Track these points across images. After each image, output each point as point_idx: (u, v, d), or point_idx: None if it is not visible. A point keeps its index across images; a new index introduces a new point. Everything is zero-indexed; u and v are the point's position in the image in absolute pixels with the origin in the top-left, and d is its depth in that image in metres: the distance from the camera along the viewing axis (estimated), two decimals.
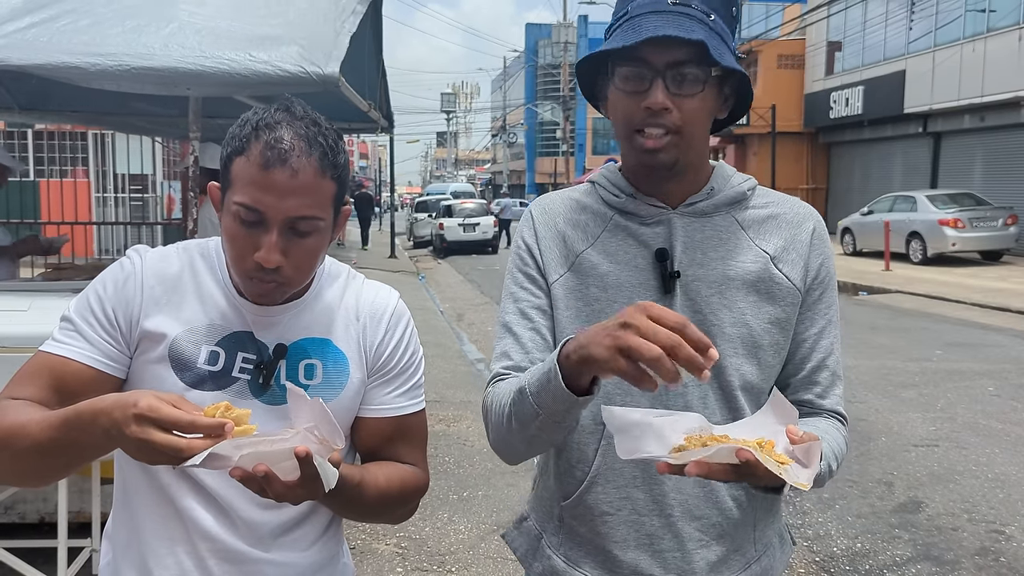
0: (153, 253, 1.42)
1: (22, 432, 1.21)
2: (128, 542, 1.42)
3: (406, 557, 4.32)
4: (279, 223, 1.27)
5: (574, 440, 1.47)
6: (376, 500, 1.38)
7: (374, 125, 6.32)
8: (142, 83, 3.62)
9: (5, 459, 1.24)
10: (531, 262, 1.51)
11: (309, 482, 1.13)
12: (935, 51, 23.42)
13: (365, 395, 1.46)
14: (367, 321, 1.47)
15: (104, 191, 12.55)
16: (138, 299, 1.36)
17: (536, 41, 58.99)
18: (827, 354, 1.50)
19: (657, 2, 1.35)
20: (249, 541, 1.39)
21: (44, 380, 1.31)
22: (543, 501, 1.58)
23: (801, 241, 1.48)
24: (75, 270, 5.38)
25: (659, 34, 1.30)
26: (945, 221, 18.42)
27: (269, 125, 1.28)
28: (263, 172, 1.25)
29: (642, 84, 1.35)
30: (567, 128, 47.27)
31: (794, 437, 1.17)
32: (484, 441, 6.25)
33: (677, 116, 1.35)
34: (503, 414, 1.36)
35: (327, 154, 1.29)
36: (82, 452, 1.20)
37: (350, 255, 19.85)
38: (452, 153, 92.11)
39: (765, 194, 1.53)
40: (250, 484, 1.13)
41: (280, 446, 1.10)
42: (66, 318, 1.36)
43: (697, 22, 1.34)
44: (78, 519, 3.81)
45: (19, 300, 3.38)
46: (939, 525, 4.85)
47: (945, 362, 9.11)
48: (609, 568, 1.48)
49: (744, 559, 1.50)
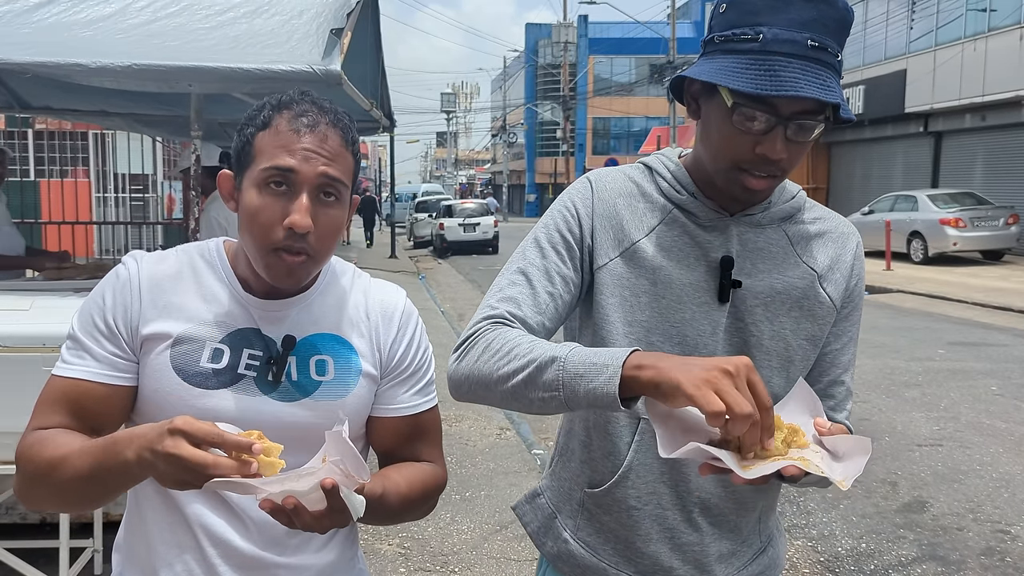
0: (149, 257, 1.40)
1: (63, 464, 1.23)
2: (138, 551, 1.40)
3: (409, 557, 4.30)
4: (310, 185, 1.28)
5: (607, 431, 1.46)
6: (400, 505, 1.37)
7: (375, 124, 6.30)
8: (143, 80, 3.60)
9: (48, 490, 1.27)
10: (576, 232, 1.44)
11: (336, 513, 1.14)
12: (936, 50, 23.41)
13: (380, 395, 1.45)
14: (378, 319, 1.45)
15: (104, 191, 12.53)
16: (136, 304, 1.34)
17: (536, 41, 58.97)
18: (845, 369, 1.53)
19: (796, 41, 1.26)
20: (261, 544, 1.37)
21: (62, 406, 1.31)
22: (562, 482, 1.57)
23: (845, 261, 1.49)
24: (76, 269, 5.36)
25: (802, 95, 1.23)
26: (946, 220, 18.42)
27: (294, 100, 1.33)
28: (294, 136, 1.29)
29: (759, 123, 1.29)
30: (567, 128, 47.28)
31: (822, 430, 1.19)
32: (486, 441, 6.27)
33: (786, 162, 1.32)
34: (506, 360, 1.28)
35: (349, 129, 1.35)
36: (119, 480, 1.20)
37: (351, 255, 19.85)
38: (452, 153, 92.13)
39: (812, 208, 1.52)
40: (279, 516, 1.14)
41: (308, 479, 1.12)
42: (72, 336, 1.35)
43: (831, 72, 1.28)
44: (79, 520, 3.80)
45: (21, 299, 3.36)
46: (944, 525, 4.82)
47: (948, 361, 9.10)
48: (628, 558, 1.50)
49: (752, 550, 1.55)
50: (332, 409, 1.35)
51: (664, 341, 1.42)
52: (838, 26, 1.29)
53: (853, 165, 28.59)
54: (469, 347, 1.35)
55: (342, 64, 3.71)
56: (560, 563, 1.56)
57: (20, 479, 1.30)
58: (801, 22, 1.26)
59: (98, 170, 12.45)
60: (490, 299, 1.41)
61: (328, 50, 3.75)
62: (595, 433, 1.48)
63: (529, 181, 61.97)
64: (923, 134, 24.63)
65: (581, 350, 1.22)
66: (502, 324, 1.36)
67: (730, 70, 1.28)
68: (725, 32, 1.32)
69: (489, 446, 6.20)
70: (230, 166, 1.38)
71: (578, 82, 50.05)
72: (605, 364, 1.17)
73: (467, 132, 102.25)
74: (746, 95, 1.27)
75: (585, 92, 50.86)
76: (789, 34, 1.26)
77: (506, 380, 1.27)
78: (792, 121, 1.28)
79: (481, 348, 1.33)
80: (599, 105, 52.00)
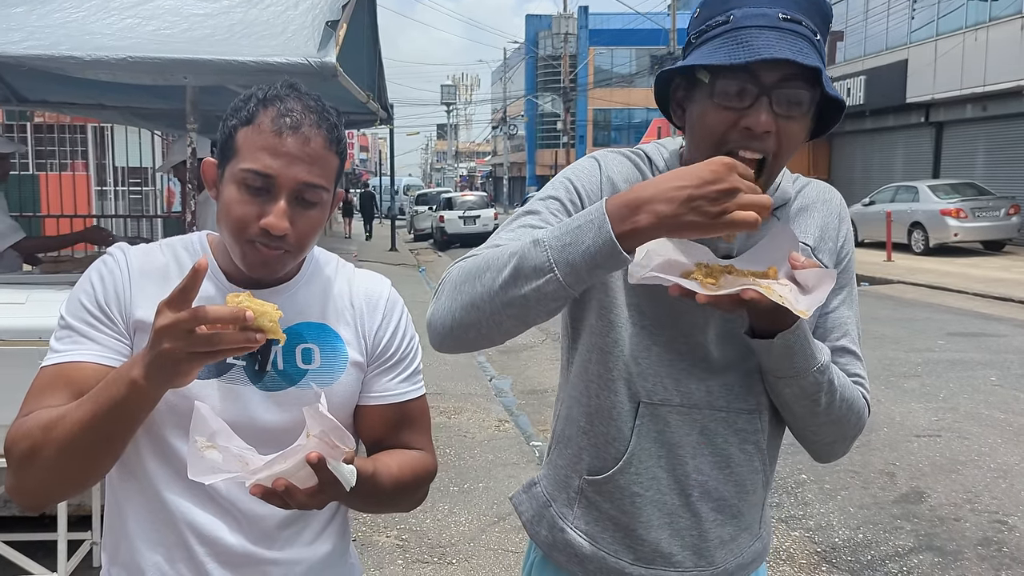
0: (135, 249, 1.40)
1: (60, 421, 1.19)
2: (120, 552, 1.38)
3: (407, 549, 4.31)
4: (289, 189, 1.27)
5: (611, 415, 1.45)
6: (392, 488, 1.37)
7: (372, 117, 6.28)
8: (138, 72, 3.59)
9: (44, 461, 1.20)
10: (578, 204, 1.41)
11: (328, 486, 1.14)
12: (937, 40, 23.34)
13: (367, 383, 1.45)
14: (363, 307, 1.45)
15: (103, 184, 12.51)
16: (126, 291, 1.33)
17: (536, 32, 58.85)
18: (846, 334, 1.48)
19: (766, 15, 1.26)
20: (252, 538, 1.36)
21: (60, 390, 1.26)
22: (558, 470, 1.56)
23: (831, 225, 1.49)
24: (73, 263, 5.36)
25: (776, 56, 1.22)
26: (947, 211, 18.39)
27: (278, 96, 1.30)
28: (275, 138, 1.26)
29: (743, 100, 1.26)
30: (568, 120, 47.20)
31: (796, 263, 1.20)
32: (485, 433, 6.28)
33: (774, 142, 1.29)
34: (486, 271, 1.24)
35: (334, 128, 1.32)
36: (123, 413, 1.17)
37: (351, 248, 19.84)
38: (452, 145, 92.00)
39: (793, 182, 1.50)
40: (272, 499, 1.14)
41: (293, 458, 1.12)
42: (64, 326, 1.32)
43: (808, 43, 1.26)
44: (78, 512, 3.80)
45: (16, 293, 3.37)
46: (941, 516, 4.83)
47: (947, 352, 9.10)
48: (628, 545, 1.48)
49: (751, 536, 1.54)
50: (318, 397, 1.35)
51: (658, 328, 1.41)
52: (812, 8, 1.29)
53: (854, 156, 28.54)
54: (442, 285, 1.32)
55: (337, 56, 3.70)
56: (555, 552, 1.54)
57: (13, 465, 1.24)
58: (771, 1, 1.27)
59: (97, 163, 12.43)
60: (471, 250, 1.37)
61: (323, 42, 3.73)
62: (597, 419, 1.46)
63: (530, 173, 61.91)
64: (924, 124, 24.58)
65: (556, 226, 1.21)
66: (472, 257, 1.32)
67: (706, 54, 1.29)
68: (699, 27, 1.33)
69: (488, 438, 6.21)
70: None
71: (579, 73, 49.94)
72: (588, 220, 1.17)
73: (468, 124, 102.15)
74: (723, 69, 1.26)
75: (586, 83, 50.78)
76: (759, 9, 1.26)
77: (492, 289, 1.23)
78: (775, 90, 1.26)
79: (456, 277, 1.29)
80: (600, 96, 51.93)
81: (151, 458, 1.33)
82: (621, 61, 53.26)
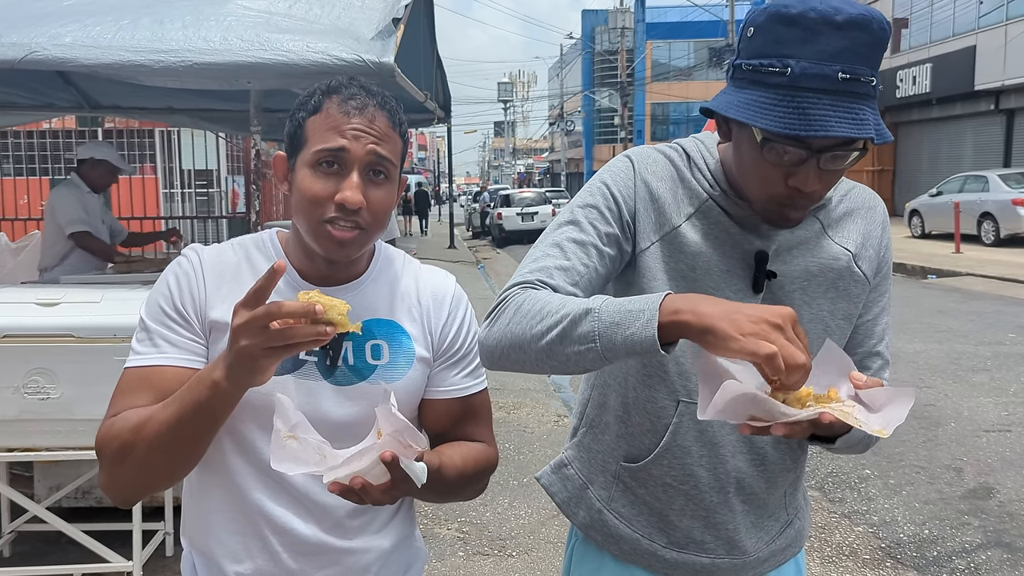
0: (209, 249, 1.45)
1: (148, 422, 1.26)
2: (201, 541, 1.45)
3: (467, 541, 4.37)
4: (360, 163, 1.33)
5: (647, 409, 1.48)
6: (456, 480, 1.42)
7: (430, 116, 6.35)
8: (203, 78, 3.71)
9: (135, 459, 1.28)
10: (615, 210, 1.43)
11: (401, 483, 1.19)
12: (1007, 25, 22.60)
13: (432, 377, 1.49)
14: (430, 304, 1.50)
15: (171, 187, 12.85)
16: (201, 292, 1.38)
17: (593, 27, 58.47)
18: (879, 339, 1.55)
19: (825, 76, 1.20)
20: (324, 528, 1.41)
21: (143, 392, 1.33)
22: (593, 454, 1.60)
23: (874, 234, 1.51)
24: (144, 263, 5.56)
25: (832, 134, 1.20)
26: (1019, 201, 17.79)
27: (343, 85, 1.37)
28: (344, 118, 1.33)
29: (791, 158, 1.26)
30: (625, 115, 46.88)
31: (859, 384, 1.18)
32: (544, 428, 6.31)
33: (821, 192, 1.31)
34: (538, 319, 1.26)
35: (396, 111, 1.39)
36: (209, 410, 1.23)
37: (411, 246, 20.05)
38: (510, 143, 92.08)
39: (837, 186, 1.50)
40: (349, 496, 1.19)
41: (368, 456, 1.17)
42: (144, 328, 1.38)
43: (866, 102, 1.22)
44: (151, 503, 3.94)
45: (92, 292, 3.50)
46: (1011, 511, 4.72)
47: (1018, 346, 8.83)
48: (662, 529, 1.54)
49: (779, 524, 1.59)
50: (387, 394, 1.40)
51: None
52: (871, 50, 1.22)
53: (920, 145, 27.82)
54: (500, 312, 1.34)
55: (395, 57, 3.76)
56: (592, 532, 1.60)
57: (104, 463, 1.32)
58: (831, 53, 1.20)
59: (164, 166, 12.77)
60: (522, 269, 1.40)
61: (383, 43, 3.80)
62: (634, 410, 1.50)
63: (587, 169, 61.62)
64: (994, 112, 23.84)
65: (614, 300, 1.22)
66: (531, 288, 1.35)
67: (758, 106, 1.25)
68: (752, 61, 1.27)
69: (547, 432, 6.24)
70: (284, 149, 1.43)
71: (635, 68, 49.55)
72: (641, 310, 1.17)
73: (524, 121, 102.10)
74: (776, 133, 1.24)
75: (643, 78, 50.33)
76: (818, 68, 1.20)
77: (540, 338, 1.26)
78: (825, 153, 1.25)
79: (512, 311, 1.32)
80: (657, 91, 51.41)
81: (231, 453, 1.39)
82: (679, 54, 52.63)
